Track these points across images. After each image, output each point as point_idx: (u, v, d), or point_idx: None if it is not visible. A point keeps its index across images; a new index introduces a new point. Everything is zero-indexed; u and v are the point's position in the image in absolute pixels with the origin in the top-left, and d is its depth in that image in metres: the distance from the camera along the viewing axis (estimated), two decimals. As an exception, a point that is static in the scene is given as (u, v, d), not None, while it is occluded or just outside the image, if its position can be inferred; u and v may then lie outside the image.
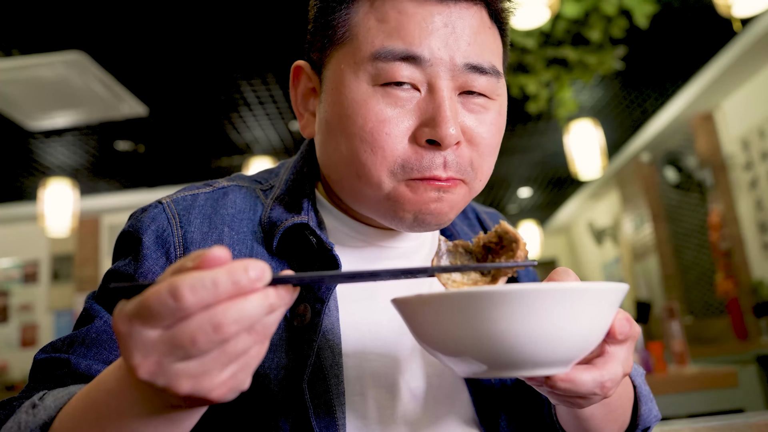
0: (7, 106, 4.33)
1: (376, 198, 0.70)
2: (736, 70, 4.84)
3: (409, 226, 0.71)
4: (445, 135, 0.65)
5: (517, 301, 0.47)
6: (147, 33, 3.68)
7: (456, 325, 0.49)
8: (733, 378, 2.55)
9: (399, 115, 0.67)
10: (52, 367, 0.67)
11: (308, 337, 0.68)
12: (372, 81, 0.67)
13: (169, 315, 0.40)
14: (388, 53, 0.66)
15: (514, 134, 5.82)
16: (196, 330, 0.40)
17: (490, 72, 0.69)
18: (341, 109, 0.69)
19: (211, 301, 0.40)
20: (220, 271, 0.40)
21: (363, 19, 0.69)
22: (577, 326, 0.49)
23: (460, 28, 0.68)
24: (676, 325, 3.03)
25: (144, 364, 0.41)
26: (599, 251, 9.03)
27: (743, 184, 5.28)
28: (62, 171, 5.82)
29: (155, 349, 0.40)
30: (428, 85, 0.67)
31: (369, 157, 0.67)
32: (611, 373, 0.55)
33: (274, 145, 5.64)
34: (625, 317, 0.56)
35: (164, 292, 0.40)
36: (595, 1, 3.32)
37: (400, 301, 0.54)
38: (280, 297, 0.43)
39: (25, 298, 6.98)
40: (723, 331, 5.51)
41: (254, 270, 0.41)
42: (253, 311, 0.41)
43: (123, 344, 0.41)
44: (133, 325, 0.41)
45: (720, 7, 2.70)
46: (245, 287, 0.41)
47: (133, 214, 0.76)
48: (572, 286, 0.49)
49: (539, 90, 3.80)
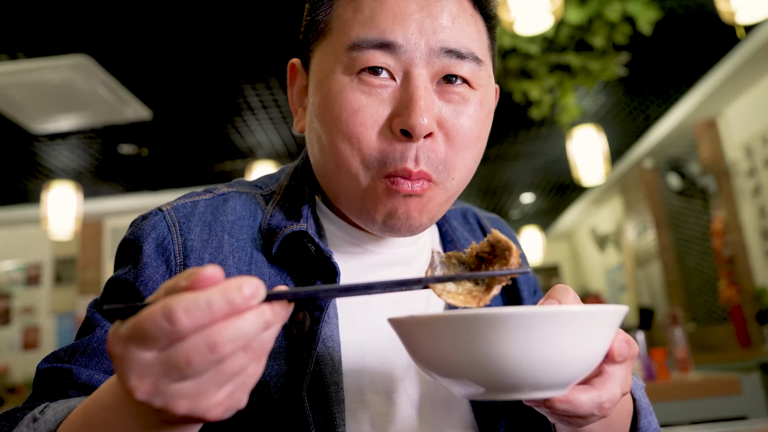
0: (12, 109, 4.35)
1: (353, 192, 0.69)
2: (740, 76, 4.83)
3: (379, 228, 0.70)
4: (415, 124, 0.64)
5: (517, 325, 0.47)
6: (152, 37, 3.69)
7: (454, 347, 0.49)
8: (736, 385, 2.53)
9: (373, 104, 0.66)
10: (55, 377, 0.67)
11: (307, 345, 0.68)
12: (348, 71, 0.67)
13: (164, 337, 0.39)
14: (363, 41, 0.66)
15: (516, 140, 5.82)
16: (191, 350, 0.39)
17: (468, 57, 0.68)
18: (321, 101, 0.69)
19: (206, 322, 0.40)
20: (214, 291, 0.40)
21: (341, 11, 0.69)
22: (577, 349, 0.49)
23: (437, 12, 0.67)
24: (679, 331, 3.02)
25: (140, 386, 0.40)
26: (602, 257, 9.01)
27: (746, 191, 5.26)
28: (66, 174, 5.84)
29: (151, 370, 0.40)
30: (403, 74, 0.67)
31: (345, 147, 0.67)
32: (610, 394, 0.55)
33: (277, 149, 5.65)
34: (624, 339, 0.56)
35: (158, 314, 0.39)
36: (598, 8, 3.33)
37: (397, 321, 0.53)
38: (276, 313, 0.43)
39: (27, 301, 6.99)
40: (726, 339, 5.49)
41: (248, 288, 0.41)
42: (249, 329, 0.41)
43: (118, 366, 0.41)
44: (128, 347, 0.40)
45: (723, 13, 2.70)
46: (240, 306, 0.40)
47: (134, 221, 0.76)
48: (573, 309, 0.48)
49: (542, 96, 3.80)
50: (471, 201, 8.04)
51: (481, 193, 7.75)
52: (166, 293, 0.42)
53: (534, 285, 0.91)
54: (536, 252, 8.91)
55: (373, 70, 0.67)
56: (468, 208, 0.96)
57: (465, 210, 0.95)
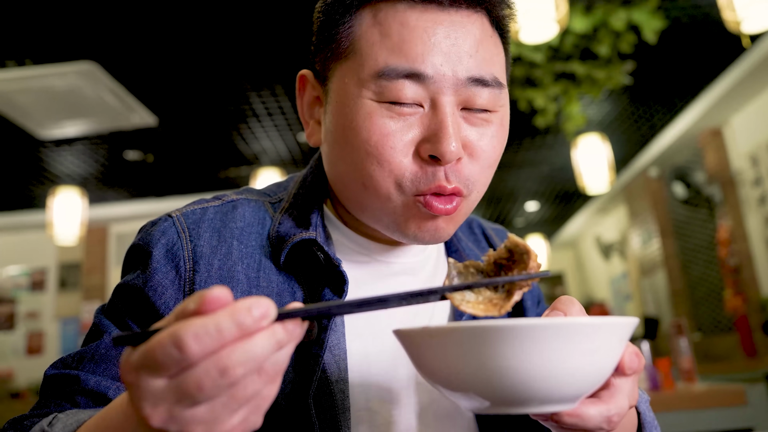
0: (19, 115, 4.37)
1: (382, 209, 0.70)
2: (745, 85, 4.83)
3: (410, 240, 0.71)
4: (446, 151, 0.65)
5: (528, 337, 0.46)
6: (158, 44, 3.72)
7: (461, 360, 0.48)
8: (741, 396, 2.52)
9: (402, 129, 0.67)
10: (62, 383, 0.67)
11: (314, 353, 0.68)
12: (376, 97, 0.67)
13: (174, 365, 0.39)
14: (392, 71, 0.66)
15: (521, 148, 5.82)
16: (202, 376, 0.39)
17: (492, 84, 0.69)
18: (346, 122, 0.69)
19: (215, 347, 0.39)
20: (223, 315, 0.39)
21: (366, 32, 0.68)
22: (589, 362, 0.48)
23: (462, 39, 0.67)
24: (684, 341, 3.01)
25: (154, 414, 0.40)
26: (606, 266, 8.99)
27: (752, 200, 5.25)
28: (71, 180, 5.87)
29: (164, 398, 0.40)
30: (431, 101, 0.67)
31: (376, 170, 0.67)
32: (618, 407, 0.54)
33: (282, 156, 5.67)
34: (634, 352, 0.55)
35: (168, 342, 0.39)
36: (603, 16, 3.34)
37: (402, 333, 0.52)
38: (289, 332, 0.42)
39: (32, 306, 7.00)
40: (731, 349, 5.46)
41: (258, 309, 0.40)
42: (260, 351, 0.40)
43: (132, 394, 0.41)
44: (139, 375, 0.40)
45: (729, 23, 2.70)
46: (250, 328, 0.40)
47: (143, 227, 0.77)
48: (585, 321, 0.48)
49: (547, 104, 3.81)
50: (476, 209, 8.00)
51: (486, 201, 7.75)
52: (176, 318, 0.42)
53: (537, 295, 0.91)
54: (541, 260, 8.88)
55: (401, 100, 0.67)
56: (473, 218, 0.96)
57: (470, 220, 0.95)
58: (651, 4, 3.33)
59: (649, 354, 2.80)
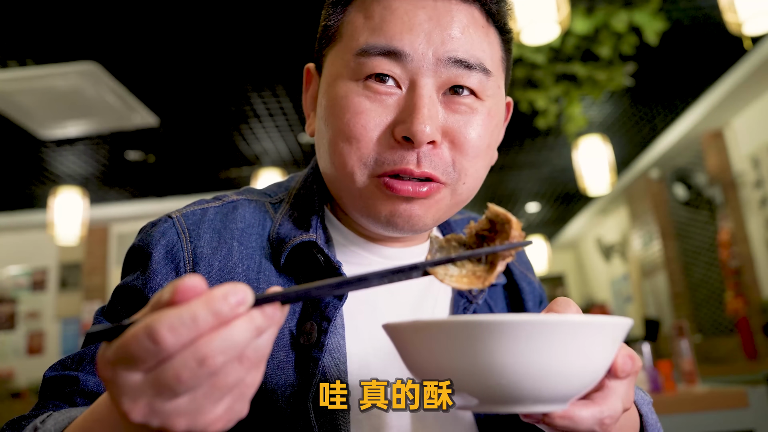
0: (21, 115, 4.38)
1: (350, 191, 0.70)
2: (747, 87, 4.82)
3: (383, 226, 0.70)
4: (417, 130, 0.64)
5: (518, 333, 0.45)
6: (159, 45, 3.72)
7: (450, 355, 0.47)
8: (743, 398, 2.51)
9: (377, 109, 0.67)
10: (61, 384, 0.67)
11: (314, 356, 0.68)
12: (355, 76, 0.68)
13: (150, 357, 0.38)
14: (371, 48, 0.67)
15: (522, 149, 5.82)
16: (179, 368, 0.38)
17: (476, 68, 0.68)
18: (327, 103, 0.70)
19: (192, 337, 0.38)
20: (198, 304, 0.38)
21: (352, 17, 0.70)
22: (580, 361, 0.47)
23: (446, 22, 0.67)
24: (685, 343, 3.00)
25: (134, 409, 0.39)
26: (607, 267, 8.98)
27: (753, 202, 5.24)
28: (73, 180, 5.87)
29: (142, 392, 0.39)
30: (409, 82, 0.67)
31: (345, 147, 0.68)
32: (611, 409, 0.53)
33: (283, 156, 5.67)
34: (628, 354, 0.54)
35: (142, 335, 0.38)
36: (605, 18, 3.33)
37: (391, 327, 0.51)
38: (268, 317, 0.41)
39: (32, 306, 7.01)
40: (732, 351, 5.45)
41: (234, 296, 0.39)
42: (239, 338, 0.39)
43: (110, 390, 0.40)
44: (116, 370, 0.39)
45: (730, 25, 2.70)
46: (227, 315, 0.39)
47: (143, 228, 0.76)
48: (577, 319, 0.47)
49: (548, 105, 3.80)
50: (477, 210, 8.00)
51: (487, 202, 7.73)
52: (152, 309, 0.41)
53: (540, 295, 0.91)
54: (541, 262, 8.89)
55: (380, 78, 0.67)
56: (473, 217, 0.96)
57: (470, 218, 0.95)
58: (652, 5, 3.33)
59: (650, 356, 2.79)
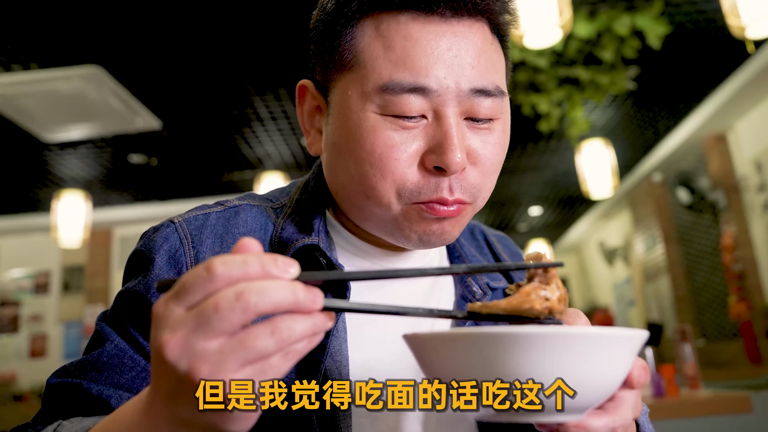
0: (24, 118, 4.39)
1: (384, 218, 0.70)
2: (750, 91, 4.82)
3: (414, 245, 0.72)
4: (451, 162, 0.65)
5: (541, 344, 0.46)
6: (162, 48, 3.73)
7: (473, 365, 0.48)
8: (746, 403, 2.50)
9: (406, 140, 0.67)
10: (65, 392, 0.67)
11: (316, 359, 0.68)
12: (380, 111, 0.67)
13: (200, 287, 0.43)
14: (396, 86, 0.66)
15: (525, 153, 5.82)
16: (220, 298, 0.42)
17: (494, 93, 0.69)
18: (349, 134, 0.69)
19: (239, 275, 0.42)
20: (250, 255, 0.44)
21: (369, 45, 0.68)
22: (600, 372, 0.48)
23: (465, 51, 0.67)
24: (689, 348, 2.99)
25: (171, 341, 0.42)
26: (610, 271, 8.96)
27: (756, 206, 5.23)
28: (76, 183, 5.88)
29: (183, 324, 0.42)
30: (434, 113, 0.67)
31: (379, 181, 0.68)
32: (623, 419, 0.55)
33: (286, 160, 5.68)
34: (642, 366, 0.56)
35: (200, 268, 0.43)
36: (607, 22, 3.34)
37: (413, 337, 0.52)
38: (309, 292, 0.44)
39: (35, 309, 7.02)
40: (736, 355, 5.43)
41: (283, 261, 0.44)
42: (276, 294, 0.42)
43: (155, 326, 0.44)
44: (167, 304, 0.44)
45: (733, 28, 2.69)
46: (272, 272, 0.43)
47: (145, 233, 0.76)
48: (599, 331, 0.48)
49: (551, 109, 3.81)
50: (479, 214, 8.02)
51: (489, 206, 7.74)
52: None
53: None
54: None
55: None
56: (475, 224, 0.96)
57: (472, 226, 0.95)
58: (655, 9, 3.33)
59: (653, 360, 2.79)
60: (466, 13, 0.68)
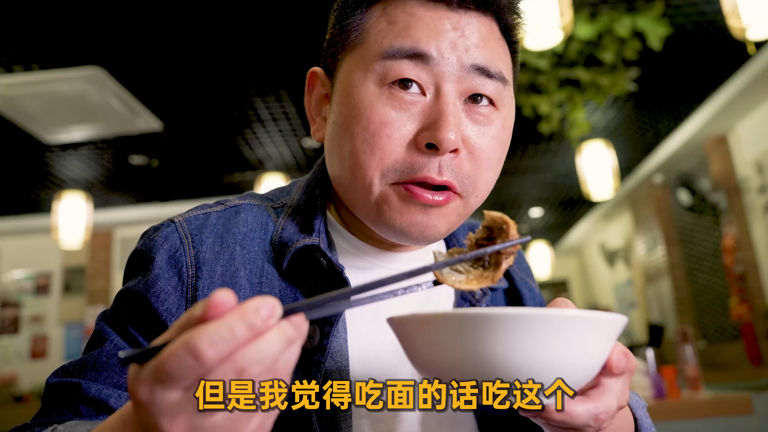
0: (26, 119, 4.40)
1: (366, 201, 0.70)
2: (751, 93, 4.82)
3: (396, 235, 0.70)
4: (443, 138, 0.65)
5: (515, 325, 0.46)
6: (164, 50, 3.73)
7: (452, 346, 0.49)
8: (747, 405, 2.50)
9: (402, 119, 0.67)
10: (64, 391, 0.67)
11: (316, 359, 0.68)
12: (379, 81, 0.68)
13: (191, 374, 0.39)
14: (396, 51, 0.67)
15: (526, 154, 5.82)
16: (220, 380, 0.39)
17: (496, 77, 0.69)
18: (348, 110, 0.69)
19: (231, 350, 0.39)
20: (233, 318, 0.39)
21: (374, 23, 0.70)
22: (574, 355, 0.49)
23: (469, 32, 0.68)
24: (690, 349, 2.99)
25: (174, 428, 0.40)
26: (611, 273, 8.96)
27: (758, 208, 5.23)
28: (77, 184, 5.89)
29: (182, 409, 0.40)
30: (434, 89, 0.67)
31: (367, 158, 0.68)
32: (606, 405, 0.55)
33: (287, 161, 5.68)
34: (622, 351, 0.56)
35: (182, 352, 0.38)
36: (608, 23, 3.34)
37: (396, 320, 0.53)
38: (296, 327, 0.42)
39: (36, 310, 7.02)
40: (737, 357, 5.42)
41: (265, 308, 0.40)
42: (272, 348, 0.40)
43: (146, 411, 0.40)
44: (153, 390, 0.39)
45: (734, 30, 2.69)
46: (260, 328, 0.40)
47: (145, 233, 0.76)
48: (573, 313, 0.48)
49: (552, 110, 3.81)
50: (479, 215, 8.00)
51: (490, 207, 7.73)
52: (180, 330, 0.41)
53: (540, 301, 0.91)
54: (545, 267, 8.87)
55: (404, 84, 0.67)
56: (475, 223, 0.96)
57: (473, 225, 0.95)
58: (656, 10, 3.33)
59: (654, 362, 2.78)
60: (473, 4, 0.69)
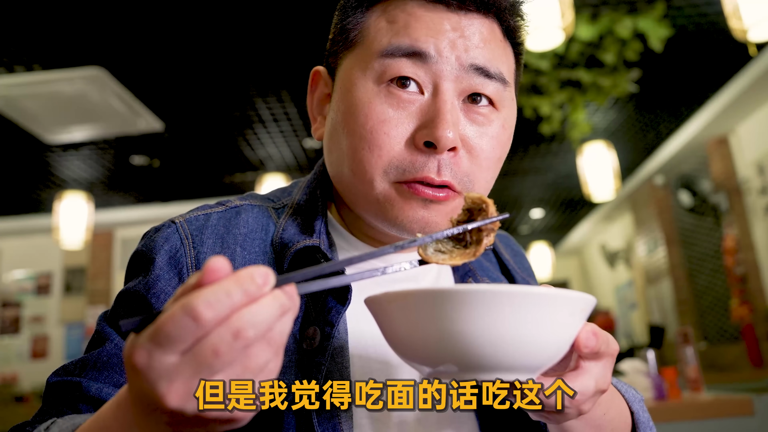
0: (27, 119, 4.40)
1: (367, 197, 0.70)
2: (752, 94, 4.82)
3: (398, 231, 0.71)
4: (441, 136, 0.65)
5: (478, 301, 0.47)
6: (165, 50, 3.74)
7: (421, 322, 0.50)
8: (748, 406, 2.50)
9: (400, 117, 0.67)
10: (65, 390, 0.67)
11: (317, 361, 0.68)
12: (378, 79, 0.68)
13: (189, 335, 0.39)
14: (395, 49, 0.67)
15: (527, 155, 5.82)
16: (217, 342, 0.39)
17: (496, 77, 0.69)
18: (347, 108, 0.70)
19: (227, 312, 0.40)
20: (229, 282, 0.40)
21: (375, 22, 0.71)
22: (538, 330, 0.49)
23: (469, 33, 0.68)
24: (690, 350, 2.98)
25: (171, 391, 0.40)
26: (612, 274, 8.95)
27: (758, 209, 5.22)
28: (78, 184, 5.89)
29: (179, 372, 0.40)
30: (433, 87, 0.68)
31: (366, 155, 0.68)
32: (582, 387, 0.55)
33: (288, 161, 5.68)
34: (591, 330, 0.55)
35: (180, 314, 0.39)
36: (609, 24, 3.34)
37: (371, 299, 0.54)
38: (290, 297, 0.43)
39: (37, 310, 7.02)
40: (738, 358, 5.42)
41: (259, 276, 0.41)
42: (267, 313, 0.41)
43: (144, 377, 0.40)
44: (152, 355, 0.40)
45: (735, 31, 2.69)
46: (255, 293, 0.41)
47: (146, 233, 0.76)
48: (533, 290, 0.49)
49: (553, 111, 3.80)
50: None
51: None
52: (178, 297, 0.42)
53: None
54: (545, 268, 8.87)
55: (402, 82, 0.68)
56: None
57: None
58: (657, 12, 3.33)
59: (655, 363, 2.78)
60: (473, 5, 0.69)
